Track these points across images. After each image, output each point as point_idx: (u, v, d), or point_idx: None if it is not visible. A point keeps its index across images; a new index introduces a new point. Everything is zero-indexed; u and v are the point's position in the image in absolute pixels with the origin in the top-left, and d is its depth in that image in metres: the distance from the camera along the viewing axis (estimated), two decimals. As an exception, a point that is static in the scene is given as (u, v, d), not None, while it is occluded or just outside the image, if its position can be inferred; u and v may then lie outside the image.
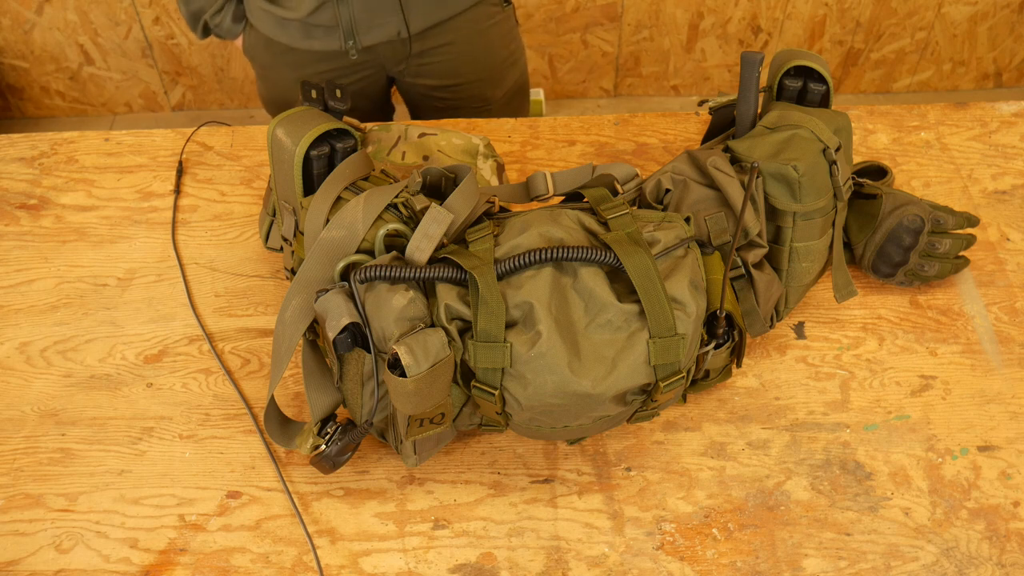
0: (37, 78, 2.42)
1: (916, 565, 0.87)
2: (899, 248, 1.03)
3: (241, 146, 1.23)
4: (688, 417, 0.97)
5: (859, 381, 1.00)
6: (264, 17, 1.36)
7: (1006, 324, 1.05)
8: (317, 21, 1.32)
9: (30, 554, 0.88)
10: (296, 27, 1.34)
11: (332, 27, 1.33)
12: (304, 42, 1.35)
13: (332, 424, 0.87)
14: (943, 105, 1.28)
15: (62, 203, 1.17)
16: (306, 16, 1.31)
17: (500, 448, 0.95)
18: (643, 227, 0.86)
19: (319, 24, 1.32)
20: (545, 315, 0.79)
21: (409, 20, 1.34)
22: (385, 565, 0.87)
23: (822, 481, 0.93)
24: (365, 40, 1.35)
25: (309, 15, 1.31)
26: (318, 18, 1.32)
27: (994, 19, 2.43)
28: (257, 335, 1.04)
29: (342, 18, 1.31)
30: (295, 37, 1.35)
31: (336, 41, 1.35)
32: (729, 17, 2.38)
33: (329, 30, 1.33)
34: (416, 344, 0.77)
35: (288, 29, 1.35)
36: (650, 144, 1.23)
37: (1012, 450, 0.95)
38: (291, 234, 0.93)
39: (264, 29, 1.37)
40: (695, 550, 0.88)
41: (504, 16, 1.45)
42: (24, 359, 1.02)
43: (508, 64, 1.49)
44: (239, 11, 1.39)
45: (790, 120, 0.97)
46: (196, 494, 0.91)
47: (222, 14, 1.39)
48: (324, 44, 1.35)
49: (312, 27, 1.33)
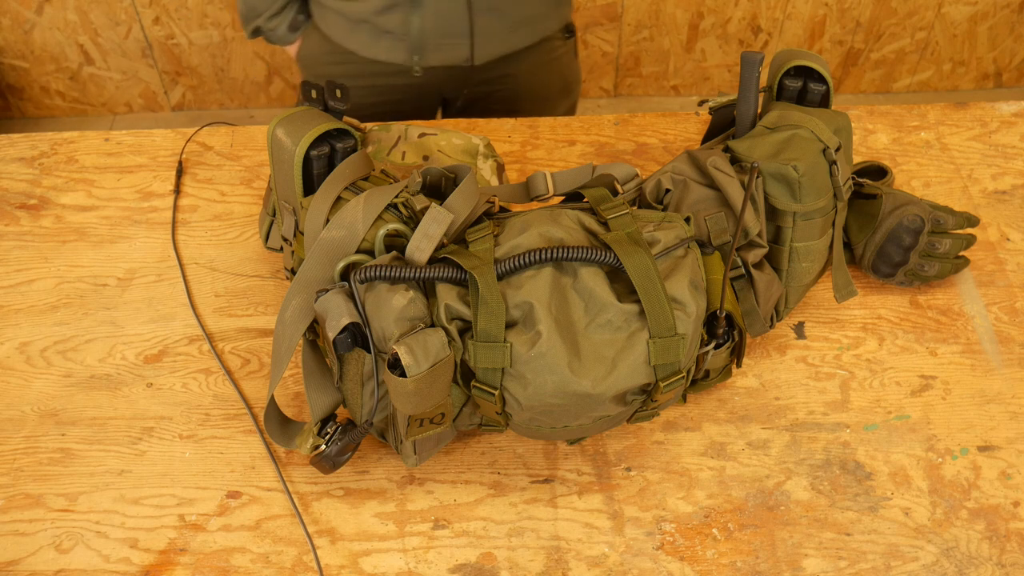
0: (37, 78, 2.42)
1: (916, 565, 0.87)
2: (899, 248, 1.03)
3: (241, 146, 1.23)
4: (688, 417, 0.97)
5: (859, 381, 1.00)
6: (335, 21, 1.34)
7: (1006, 324, 1.05)
8: (386, 24, 1.30)
9: (30, 554, 0.88)
10: (366, 31, 1.32)
11: (400, 36, 1.31)
12: (370, 50, 1.34)
13: (332, 424, 0.87)
14: (943, 105, 1.28)
15: (62, 203, 1.17)
16: (375, 13, 1.29)
17: (500, 448, 0.95)
18: (643, 227, 0.86)
19: (388, 29, 1.30)
20: (545, 315, 0.79)
21: (476, 49, 1.33)
22: (385, 565, 0.87)
23: (822, 481, 0.93)
24: (431, 59, 1.33)
25: (378, 13, 1.29)
26: (388, 20, 1.29)
27: (994, 19, 2.43)
28: (257, 335, 1.04)
29: (412, 27, 1.29)
30: (363, 42, 1.33)
31: (402, 54, 1.33)
32: (729, 17, 2.38)
33: (397, 39, 1.31)
34: (416, 344, 0.77)
35: (357, 33, 1.33)
36: (650, 144, 1.23)
37: (1012, 450, 0.95)
38: (291, 234, 0.93)
39: (333, 34, 1.35)
40: (695, 550, 0.88)
41: (566, 49, 1.45)
42: (24, 359, 1.02)
43: (562, 95, 1.49)
44: (296, 20, 1.37)
45: (790, 120, 0.97)
46: (196, 494, 0.91)
47: (279, 19, 1.37)
48: (389, 55, 1.33)
49: (381, 33, 1.31)
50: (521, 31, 1.36)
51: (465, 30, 1.31)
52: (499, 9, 1.31)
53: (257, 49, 2.37)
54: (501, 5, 1.31)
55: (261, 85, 2.47)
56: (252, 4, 1.37)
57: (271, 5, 1.37)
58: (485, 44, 1.33)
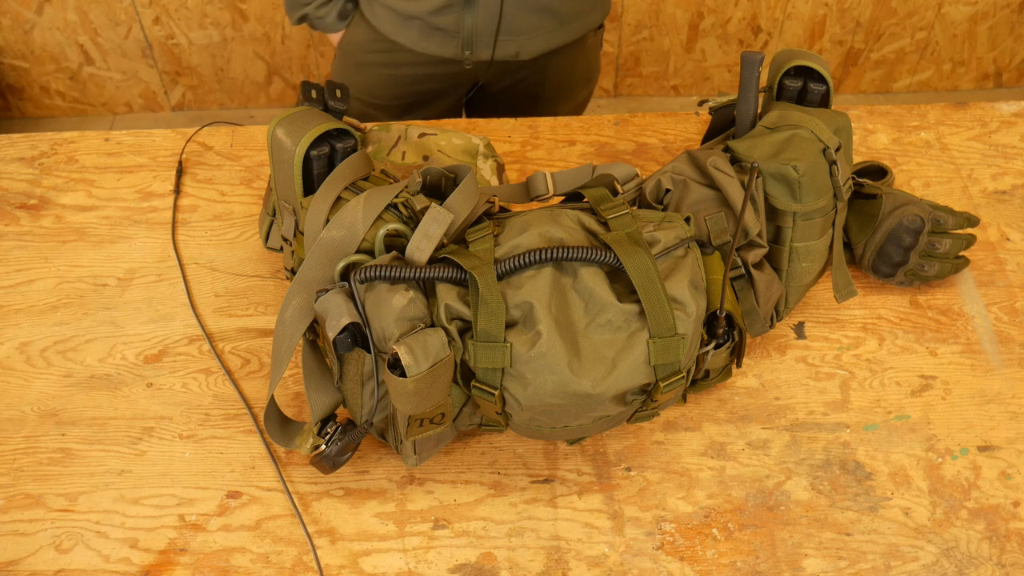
0: (37, 78, 2.42)
1: (916, 565, 0.87)
2: (899, 248, 1.03)
3: (241, 146, 1.23)
4: (688, 417, 0.97)
5: (859, 381, 1.00)
6: (384, 14, 1.34)
7: (1006, 324, 1.05)
8: (440, 23, 1.30)
9: (30, 554, 0.88)
10: (417, 27, 1.32)
11: (452, 33, 1.31)
12: (421, 43, 1.34)
13: (332, 424, 0.87)
14: (943, 105, 1.28)
15: (62, 203, 1.17)
16: (429, 14, 1.29)
17: (500, 448, 0.95)
18: (643, 227, 0.86)
19: (441, 27, 1.31)
20: (545, 315, 0.79)
21: (524, 45, 1.34)
22: (385, 565, 0.87)
23: (822, 481, 0.93)
24: (481, 54, 1.34)
25: (433, 13, 1.29)
26: (441, 20, 1.30)
27: (994, 19, 2.43)
28: (257, 335, 1.04)
29: (464, 25, 1.30)
30: (413, 38, 1.34)
31: (453, 48, 1.33)
32: (729, 17, 2.38)
33: (448, 36, 1.32)
34: (416, 344, 0.77)
35: (408, 29, 1.33)
36: (650, 144, 1.23)
37: (1012, 450, 0.95)
38: (291, 234, 0.93)
39: (383, 27, 1.35)
40: (695, 550, 0.88)
41: (595, 39, 1.47)
42: (24, 359, 1.02)
43: (584, 82, 1.51)
44: (346, 8, 1.37)
45: (790, 120, 0.97)
46: (196, 494, 0.91)
47: (329, 7, 1.36)
48: (440, 49, 1.34)
49: (433, 30, 1.31)
50: (569, 27, 1.37)
51: (517, 27, 1.32)
52: (549, 8, 1.33)
53: (257, 49, 2.37)
54: (552, 3, 1.32)
55: (261, 85, 2.47)
56: None
57: None
58: (533, 40, 1.34)
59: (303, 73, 2.43)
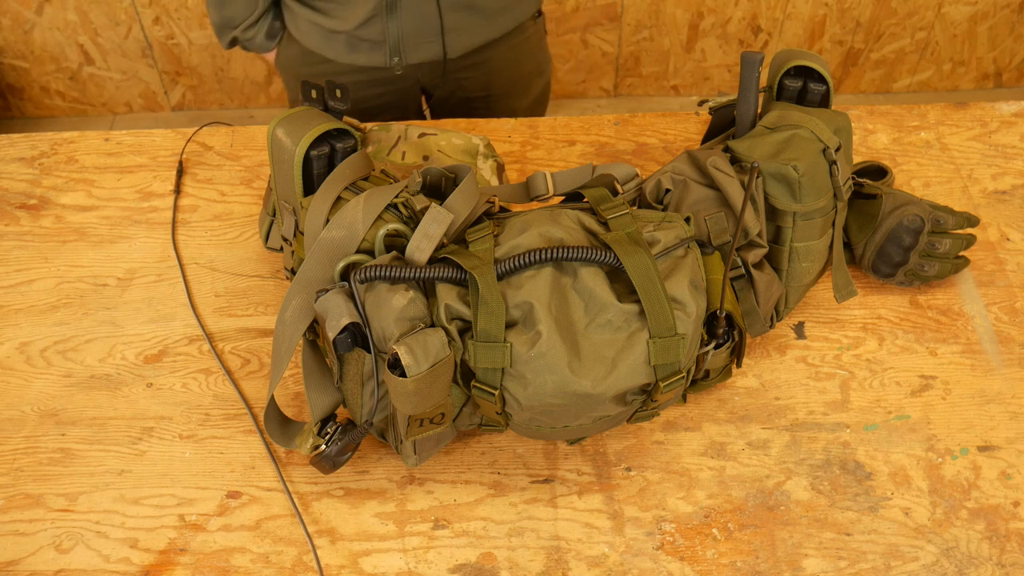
0: (37, 78, 2.42)
1: (916, 565, 0.87)
2: (899, 248, 1.03)
3: (241, 146, 1.23)
4: (688, 417, 0.97)
5: (859, 381, 1.00)
6: (310, 31, 1.34)
7: (1006, 324, 1.05)
8: (365, 35, 1.31)
9: (30, 554, 0.88)
10: (342, 41, 1.33)
11: (378, 42, 1.31)
12: (348, 56, 1.34)
13: (332, 424, 0.87)
14: (943, 105, 1.28)
15: (62, 203, 1.17)
16: (355, 28, 1.30)
17: (500, 448, 0.95)
18: (643, 227, 0.86)
19: (366, 39, 1.31)
20: (545, 315, 0.79)
21: (448, 44, 1.34)
22: (385, 565, 0.87)
23: (822, 481, 0.93)
24: (411, 58, 1.34)
25: (358, 28, 1.30)
26: (367, 32, 1.30)
27: (994, 19, 2.43)
28: (257, 335, 1.04)
29: (390, 34, 1.30)
30: (340, 51, 1.34)
31: (381, 57, 1.33)
32: (729, 17, 2.38)
33: (375, 45, 1.32)
34: (416, 344, 0.77)
35: (333, 43, 1.33)
36: (650, 144, 1.23)
37: (1012, 450, 0.95)
38: (291, 234, 0.93)
39: (309, 43, 1.35)
40: (695, 550, 0.88)
41: (535, 29, 1.45)
42: (24, 359, 1.02)
43: (536, 74, 1.50)
44: (274, 27, 1.37)
45: (790, 120, 0.97)
46: (196, 494, 0.91)
47: (255, 29, 1.36)
48: (368, 59, 1.34)
49: (359, 41, 1.32)
50: (496, 21, 1.37)
51: (438, 28, 1.31)
52: (474, 5, 1.32)
53: (257, 49, 2.37)
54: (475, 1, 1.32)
55: (261, 85, 2.47)
56: (228, 15, 1.35)
57: (248, 16, 1.35)
58: (458, 39, 1.34)
59: (303, 73, 2.43)
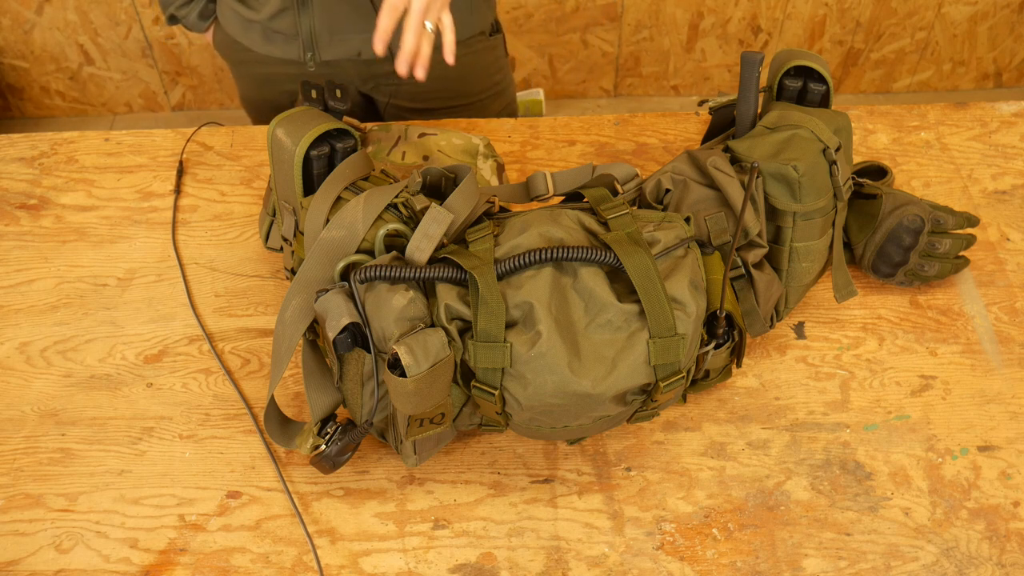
0: (37, 78, 2.42)
1: (916, 565, 0.87)
2: (899, 248, 1.03)
3: (241, 146, 1.23)
4: (688, 417, 0.97)
5: (859, 381, 1.00)
6: (231, 17, 1.33)
7: (1006, 324, 1.05)
8: (277, 27, 1.29)
9: (30, 554, 0.88)
10: (258, 31, 1.31)
11: (292, 36, 1.29)
12: (264, 47, 1.32)
13: (332, 424, 0.87)
14: (943, 105, 1.28)
15: (62, 203, 1.17)
16: (267, 19, 1.28)
17: (500, 448, 0.95)
18: (643, 227, 0.86)
19: (279, 31, 1.29)
20: (545, 315, 0.79)
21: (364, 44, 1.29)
22: (385, 565, 0.87)
23: (822, 481, 0.93)
24: (325, 54, 1.31)
25: (270, 19, 1.28)
26: (278, 23, 1.28)
27: (994, 19, 2.43)
28: (257, 335, 1.04)
29: (302, 28, 1.28)
30: (256, 41, 1.32)
31: (295, 50, 1.31)
32: (729, 17, 2.38)
33: (289, 38, 1.30)
34: (416, 344, 0.77)
35: (251, 32, 1.32)
36: (650, 144, 1.23)
37: (1012, 450, 0.95)
38: (291, 234, 0.93)
39: (229, 29, 1.35)
40: (695, 550, 0.88)
41: (485, 47, 1.37)
42: (24, 359, 1.02)
43: (491, 95, 1.43)
44: (207, 9, 1.36)
45: (790, 120, 0.97)
46: (196, 494, 0.91)
47: (189, 8, 1.36)
48: (283, 52, 1.32)
49: (273, 32, 1.30)
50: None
51: (356, 26, 1.27)
52: None
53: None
54: None
55: (261, 85, 2.46)
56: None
57: None
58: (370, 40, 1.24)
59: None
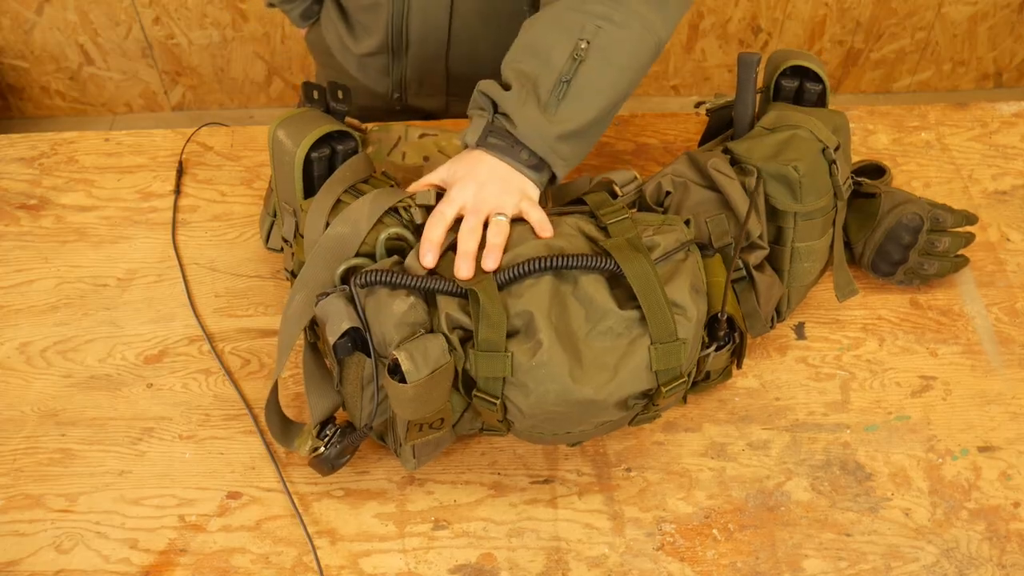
0: (37, 78, 2.42)
1: (916, 566, 0.87)
2: (899, 246, 1.03)
3: (241, 146, 1.23)
4: (688, 418, 0.97)
5: (859, 382, 1.00)
6: (333, 34, 1.34)
7: (1006, 325, 1.05)
8: (372, 64, 1.31)
9: (30, 554, 0.88)
10: (354, 58, 1.33)
11: (384, 74, 1.31)
12: (358, 72, 1.34)
13: (331, 427, 0.87)
14: (943, 105, 1.28)
15: (62, 203, 1.17)
16: (363, 54, 1.30)
17: (500, 449, 0.95)
18: (643, 231, 0.86)
19: (373, 67, 1.31)
20: (545, 324, 0.79)
21: (452, 103, 1.32)
22: (385, 566, 0.87)
23: (822, 482, 0.93)
24: (412, 101, 1.34)
25: (366, 55, 1.30)
26: (374, 61, 1.30)
27: (994, 19, 2.43)
28: (257, 335, 1.04)
29: (393, 74, 1.30)
30: (351, 64, 1.34)
31: (384, 87, 1.33)
32: (729, 17, 2.38)
33: (381, 74, 1.32)
34: (416, 350, 0.77)
35: (347, 56, 1.34)
36: (650, 144, 1.23)
37: (1012, 451, 0.95)
38: (291, 235, 0.93)
39: (329, 41, 1.36)
40: (695, 551, 0.88)
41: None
42: (24, 359, 1.02)
43: None
44: (311, 10, 1.37)
45: (789, 120, 0.97)
46: (196, 494, 0.91)
47: (293, 5, 1.37)
48: (374, 84, 1.34)
49: (368, 66, 1.32)
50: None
51: (442, 87, 1.31)
52: (476, 60, 1.27)
53: (257, 49, 2.37)
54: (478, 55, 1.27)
55: (261, 85, 2.46)
56: None
57: None
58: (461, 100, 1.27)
59: (303, 73, 2.43)
